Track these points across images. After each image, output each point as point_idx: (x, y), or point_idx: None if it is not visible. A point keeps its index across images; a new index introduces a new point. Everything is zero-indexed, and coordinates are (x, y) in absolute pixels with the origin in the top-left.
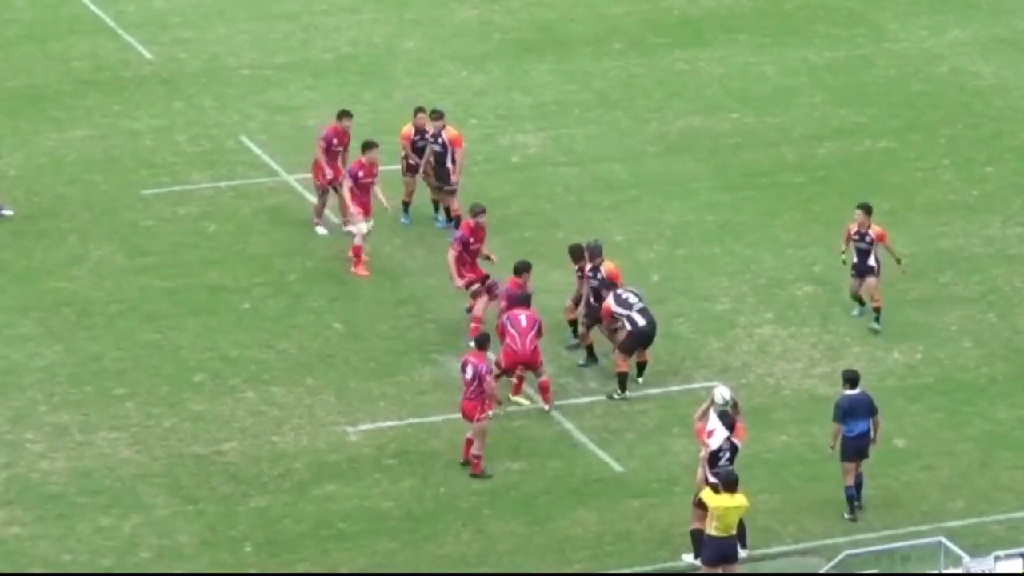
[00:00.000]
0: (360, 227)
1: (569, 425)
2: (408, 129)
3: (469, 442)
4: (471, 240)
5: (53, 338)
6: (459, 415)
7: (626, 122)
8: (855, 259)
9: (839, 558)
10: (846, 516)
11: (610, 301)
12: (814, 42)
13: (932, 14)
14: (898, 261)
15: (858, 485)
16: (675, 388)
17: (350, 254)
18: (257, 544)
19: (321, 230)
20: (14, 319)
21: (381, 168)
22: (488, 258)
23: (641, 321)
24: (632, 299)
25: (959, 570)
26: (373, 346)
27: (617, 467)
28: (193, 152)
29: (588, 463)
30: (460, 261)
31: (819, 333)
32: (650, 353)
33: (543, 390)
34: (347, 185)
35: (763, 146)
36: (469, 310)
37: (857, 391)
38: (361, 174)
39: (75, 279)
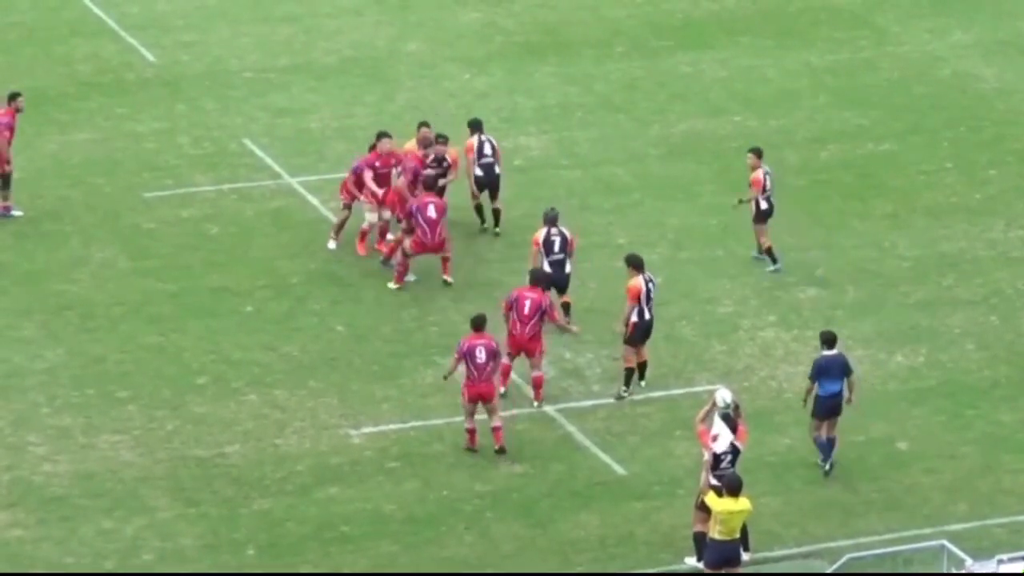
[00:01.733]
0: (370, 216)
1: (571, 428)
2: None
3: (473, 432)
4: (378, 165)
5: (55, 340)
6: (461, 418)
7: (628, 125)
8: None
9: (842, 561)
10: (820, 463)
11: (640, 284)
12: (816, 45)
13: (934, 17)
14: (740, 202)
15: (830, 443)
16: (678, 391)
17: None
18: (260, 547)
19: (332, 244)
20: (16, 321)
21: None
22: None
23: (647, 316)
24: (652, 293)
25: (962, 573)
26: (376, 349)
27: (620, 470)
28: (196, 154)
29: (591, 466)
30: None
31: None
32: (648, 352)
33: (535, 385)
34: (368, 176)
35: (765, 149)
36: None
37: (834, 352)
38: (378, 164)
39: (77, 281)
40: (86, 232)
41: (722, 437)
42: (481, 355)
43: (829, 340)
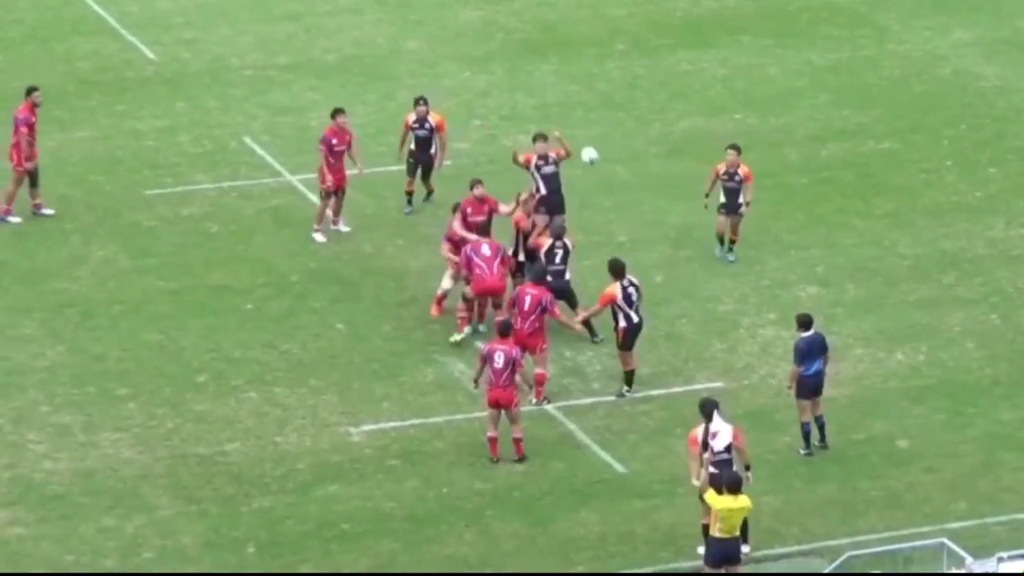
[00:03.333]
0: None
1: (572, 426)
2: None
3: (494, 440)
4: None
5: (56, 339)
6: (461, 416)
7: (629, 123)
8: (724, 198)
9: (841, 559)
10: (801, 452)
11: (616, 291)
12: (817, 43)
13: (935, 16)
14: (746, 204)
15: (821, 427)
16: (678, 389)
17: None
18: (260, 545)
19: (319, 237)
20: (17, 319)
21: (379, 169)
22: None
23: (636, 319)
24: (634, 297)
25: (962, 571)
26: (376, 347)
27: (620, 468)
28: (196, 153)
29: (591, 464)
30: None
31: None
32: (637, 360)
33: (537, 382)
34: (457, 227)
35: (766, 147)
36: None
37: (811, 332)
38: (469, 210)
39: (78, 280)
40: (86, 230)
41: (721, 435)
42: (499, 360)
43: (806, 323)
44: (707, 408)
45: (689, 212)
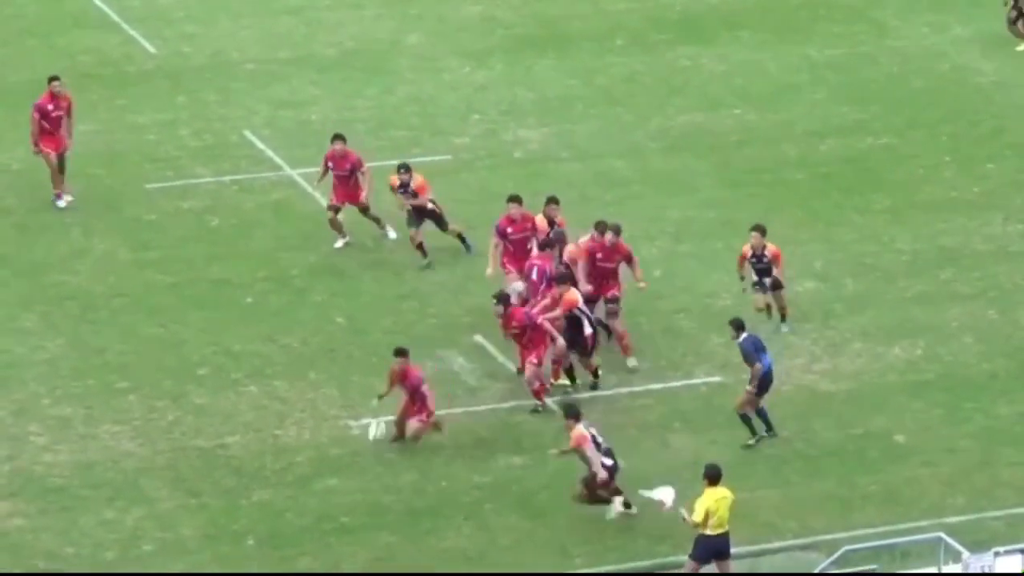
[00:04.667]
0: (515, 286)
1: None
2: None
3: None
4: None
5: (56, 331)
6: (459, 410)
7: (628, 118)
8: (756, 278)
9: (838, 553)
10: (751, 441)
11: (577, 296)
12: (816, 39)
13: (934, 11)
14: (780, 285)
15: (766, 418)
16: (676, 384)
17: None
18: (259, 538)
19: (392, 233)
20: (17, 312)
21: (377, 163)
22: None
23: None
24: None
25: (959, 566)
26: (375, 340)
27: (618, 462)
28: (197, 146)
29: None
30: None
31: (820, 329)
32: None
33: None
34: (494, 243)
35: (765, 143)
36: None
37: (747, 333)
38: (510, 230)
39: (78, 273)
40: (87, 223)
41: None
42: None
43: (741, 324)
44: (570, 412)
45: (688, 207)
